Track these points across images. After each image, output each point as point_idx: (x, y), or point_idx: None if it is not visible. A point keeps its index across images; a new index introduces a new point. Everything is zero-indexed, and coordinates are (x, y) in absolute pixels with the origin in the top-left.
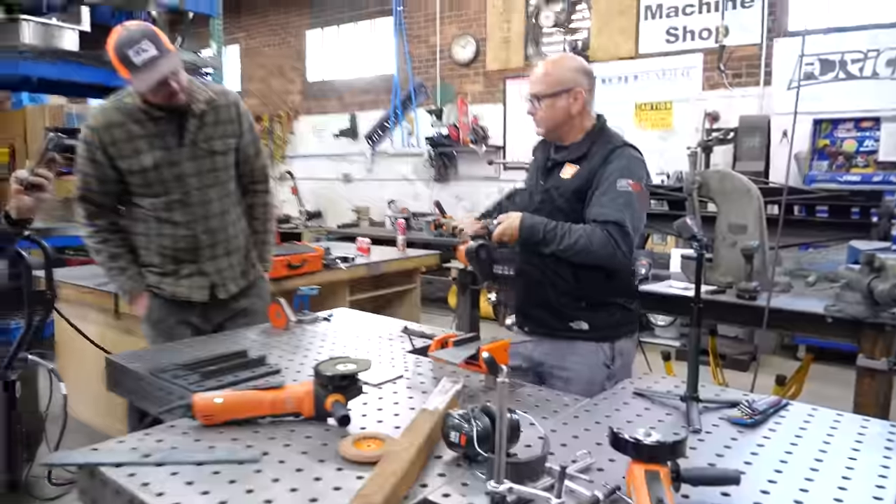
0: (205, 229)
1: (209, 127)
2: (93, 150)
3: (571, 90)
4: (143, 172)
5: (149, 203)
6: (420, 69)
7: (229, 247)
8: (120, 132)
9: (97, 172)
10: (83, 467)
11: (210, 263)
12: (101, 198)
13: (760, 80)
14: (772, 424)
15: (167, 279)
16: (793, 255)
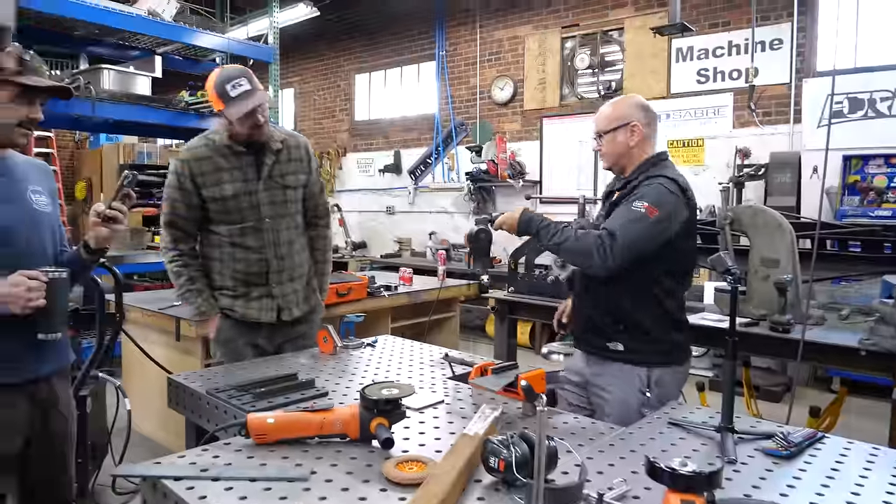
0: (274, 255)
1: (283, 164)
2: (183, 179)
3: (628, 124)
4: (223, 200)
5: (225, 229)
6: (460, 109)
7: (294, 273)
8: (207, 164)
9: (184, 199)
10: (147, 479)
11: (277, 287)
12: (185, 223)
13: (790, 118)
14: (807, 457)
15: (239, 301)
16: (826, 289)
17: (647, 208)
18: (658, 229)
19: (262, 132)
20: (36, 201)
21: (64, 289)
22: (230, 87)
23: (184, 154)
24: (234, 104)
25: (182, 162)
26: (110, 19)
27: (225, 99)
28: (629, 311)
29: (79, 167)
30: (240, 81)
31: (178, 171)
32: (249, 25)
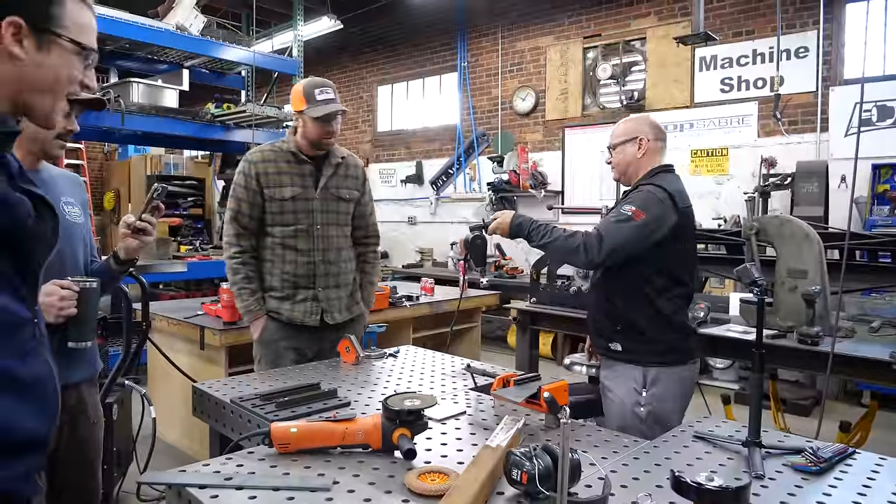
0: (322, 259)
1: (339, 177)
2: (249, 179)
3: (635, 138)
4: (281, 201)
5: (279, 231)
6: (482, 119)
7: (339, 280)
8: (271, 166)
9: (249, 198)
10: (172, 487)
11: (323, 292)
12: (248, 221)
13: (817, 126)
14: (838, 473)
15: (285, 304)
16: (856, 301)
17: (634, 212)
18: (644, 232)
19: (331, 142)
20: (69, 213)
21: (94, 298)
22: (318, 91)
23: (252, 156)
24: (316, 106)
25: (249, 163)
26: (140, 34)
27: (310, 100)
28: (623, 312)
29: (107, 178)
30: (327, 90)
31: (246, 171)
32: (274, 39)
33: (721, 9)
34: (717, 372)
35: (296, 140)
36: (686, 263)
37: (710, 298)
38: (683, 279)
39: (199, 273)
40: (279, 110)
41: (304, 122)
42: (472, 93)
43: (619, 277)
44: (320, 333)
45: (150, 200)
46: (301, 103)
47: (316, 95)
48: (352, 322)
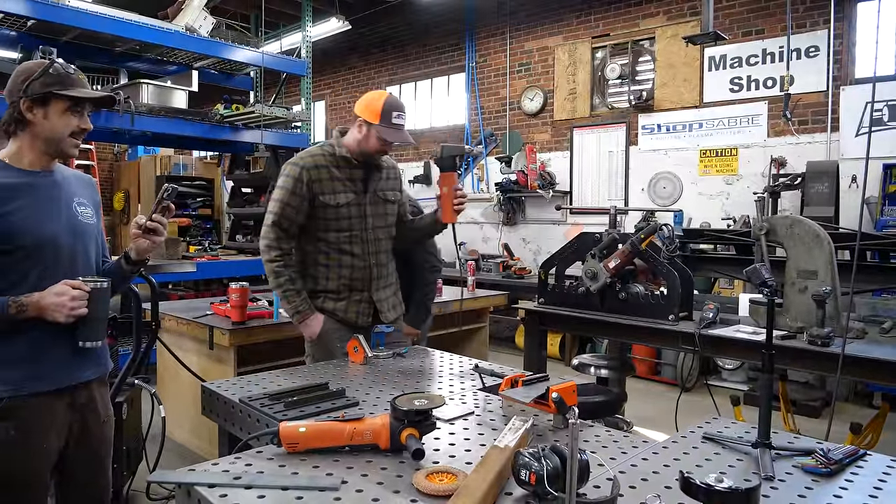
0: (376, 263)
1: (384, 181)
2: (300, 184)
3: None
4: (336, 208)
5: (333, 236)
6: (490, 120)
7: (389, 280)
8: (324, 172)
9: (295, 203)
10: (181, 486)
11: (376, 293)
12: (290, 226)
13: (827, 126)
14: (848, 475)
15: (341, 304)
16: (866, 301)
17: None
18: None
19: (378, 156)
20: (81, 213)
21: (105, 298)
22: (395, 114)
23: (304, 161)
24: (388, 128)
25: (300, 168)
26: (149, 36)
27: (385, 118)
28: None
29: (117, 178)
30: (403, 115)
31: (296, 176)
32: (283, 39)
33: (730, 8)
34: (725, 373)
35: (348, 145)
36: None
37: (720, 299)
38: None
39: (208, 273)
40: (287, 111)
41: (368, 134)
42: (480, 93)
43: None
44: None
45: (160, 201)
46: (375, 117)
47: (392, 117)
48: (398, 320)
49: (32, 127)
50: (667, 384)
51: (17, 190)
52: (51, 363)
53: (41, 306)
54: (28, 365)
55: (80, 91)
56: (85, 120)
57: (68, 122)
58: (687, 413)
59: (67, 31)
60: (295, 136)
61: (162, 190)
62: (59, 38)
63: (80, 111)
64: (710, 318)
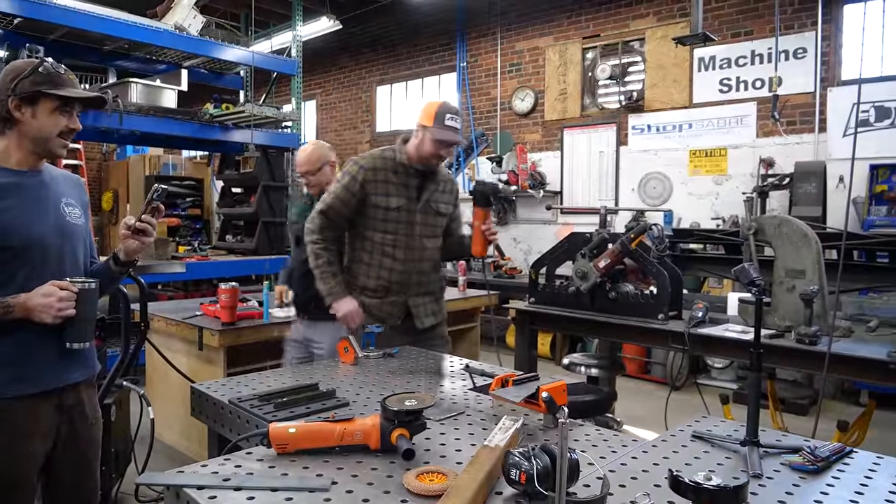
0: (416, 270)
1: (439, 192)
2: (354, 182)
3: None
4: (386, 210)
5: (379, 237)
6: (481, 120)
7: (429, 288)
8: (380, 174)
9: (346, 197)
10: (170, 488)
11: (412, 299)
12: (337, 217)
13: (815, 127)
14: (835, 472)
15: (375, 301)
16: (853, 300)
17: None
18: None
19: (438, 163)
20: (69, 214)
21: (93, 299)
22: (448, 116)
23: (363, 161)
24: (441, 129)
25: (360, 167)
26: (138, 34)
27: (438, 121)
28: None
29: (106, 178)
30: (456, 118)
31: (353, 173)
32: (273, 39)
33: (720, 9)
34: (715, 371)
35: (408, 151)
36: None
37: (709, 298)
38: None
39: (197, 273)
40: (278, 110)
41: (424, 138)
42: (471, 93)
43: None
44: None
45: (149, 201)
46: (429, 120)
47: (445, 120)
48: (436, 327)
49: (20, 126)
50: (657, 383)
51: (4, 190)
52: (38, 365)
53: (28, 307)
54: (14, 367)
55: (69, 91)
56: (74, 120)
57: (57, 121)
58: (676, 412)
59: (55, 29)
60: (285, 135)
61: (151, 190)
62: (47, 37)
63: (70, 111)
64: (699, 317)
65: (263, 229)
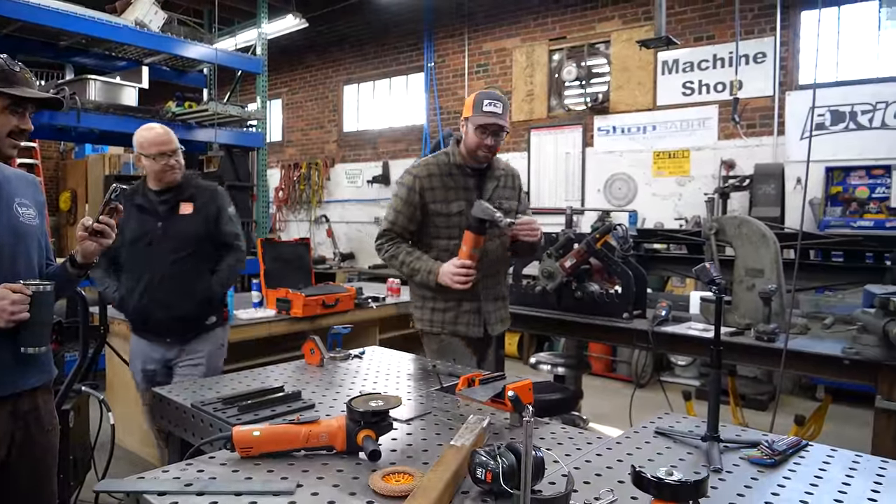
0: (486, 273)
1: (501, 189)
2: (412, 193)
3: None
4: (448, 216)
5: (444, 244)
6: (449, 120)
7: (498, 293)
8: (436, 181)
9: (408, 212)
10: (130, 495)
11: (485, 304)
12: (402, 232)
13: (774, 130)
14: (791, 465)
15: (450, 314)
16: (810, 299)
17: None
18: None
19: (487, 156)
20: (22, 214)
21: (48, 302)
22: (486, 102)
23: (417, 170)
24: (481, 116)
25: (414, 177)
26: (97, 30)
27: (476, 109)
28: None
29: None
30: (496, 103)
31: (410, 184)
32: (238, 36)
33: (683, 14)
34: (678, 369)
35: (460, 151)
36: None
37: (672, 297)
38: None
39: None
40: (242, 109)
41: (467, 130)
42: (438, 93)
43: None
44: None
45: (107, 202)
46: (469, 110)
47: (483, 105)
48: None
49: None
50: (622, 381)
51: None
52: None
53: None
54: None
55: (23, 90)
56: (26, 120)
57: (7, 121)
58: (641, 409)
59: (8, 23)
60: (250, 135)
61: (109, 190)
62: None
63: (22, 111)
64: (662, 315)
65: None
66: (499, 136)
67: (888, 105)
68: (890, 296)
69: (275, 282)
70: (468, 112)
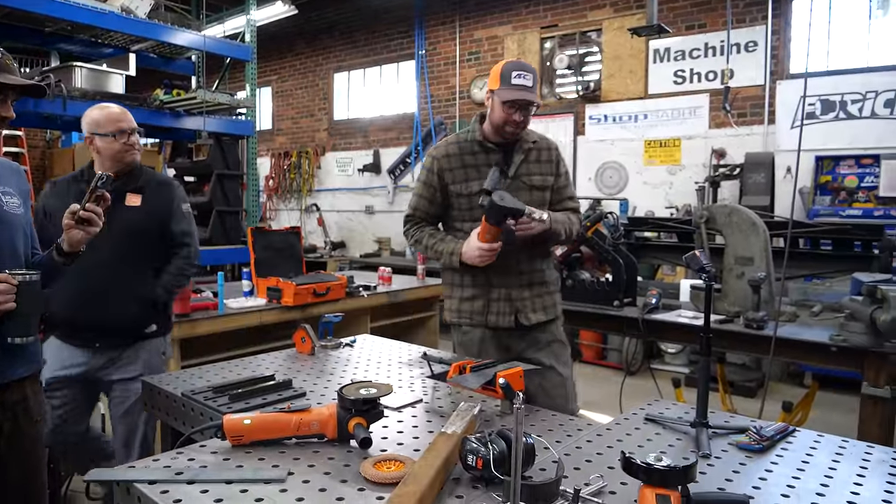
0: (517, 257)
1: (531, 163)
2: (431, 175)
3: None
4: (468, 196)
5: (469, 227)
6: (440, 108)
7: (533, 279)
8: (455, 161)
9: (429, 195)
10: (120, 484)
11: (516, 290)
12: (426, 216)
13: (765, 119)
14: (779, 450)
15: (478, 303)
16: (798, 287)
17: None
18: None
19: (515, 132)
20: (7, 203)
21: (35, 292)
22: (515, 73)
23: (435, 150)
24: (509, 90)
25: (432, 158)
26: (82, 16)
27: (504, 81)
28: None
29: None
30: (526, 75)
31: (428, 166)
32: (226, 23)
33: (674, 2)
34: (668, 357)
35: (483, 128)
36: None
37: (662, 285)
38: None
39: None
40: (231, 97)
41: (493, 104)
42: (429, 81)
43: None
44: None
45: (93, 189)
46: (495, 82)
47: (511, 78)
48: (547, 324)
49: None
50: (613, 368)
51: None
52: None
53: None
54: None
55: (4, 76)
56: (7, 108)
57: None
58: (631, 396)
59: None
60: (239, 122)
61: (95, 178)
62: None
63: (3, 98)
64: (653, 303)
65: (218, 218)
66: (528, 110)
67: (878, 94)
68: (877, 284)
69: (265, 270)
70: (494, 84)
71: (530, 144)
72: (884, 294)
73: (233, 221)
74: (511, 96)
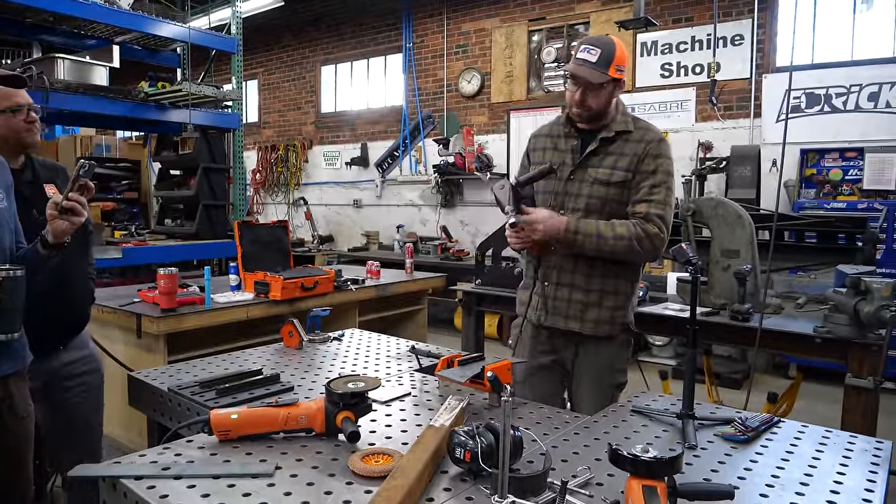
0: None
1: (607, 155)
2: (524, 155)
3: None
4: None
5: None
6: (428, 101)
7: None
8: (542, 141)
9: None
10: (106, 479)
11: (549, 289)
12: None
13: (751, 112)
14: (764, 441)
15: (525, 294)
16: (783, 279)
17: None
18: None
19: (581, 113)
20: None
21: (19, 287)
22: (583, 48)
23: (538, 129)
24: (571, 64)
25: (531, 137)
26: (64, 6)
27: (572, 60)
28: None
29: None
30: (591, 49)
31: (528, 145)
32: (212, 15)
33: None
34: (655, 349)
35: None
36: None
37: (649, 278)
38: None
39: (135, 259)
40: (217, 90)
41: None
42: (417, 74)
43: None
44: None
45: (76, 178)
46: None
47: (578, 52)
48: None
49: None
50: None
51: None
52: None
53: None
54: None
55: None
56: None
57: None
58: None
59: None
60: (226, 115)
61: (77, 166)
62: None
63: None
64: (640, 296)
65: (204, 212)
66: (588, 93)
67: (862, 88)
68: (861, 276)
69: (252, 265)
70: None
71: (610, 134)
72: (867, 286)
73: (219, 215)
74: (569, 69)
